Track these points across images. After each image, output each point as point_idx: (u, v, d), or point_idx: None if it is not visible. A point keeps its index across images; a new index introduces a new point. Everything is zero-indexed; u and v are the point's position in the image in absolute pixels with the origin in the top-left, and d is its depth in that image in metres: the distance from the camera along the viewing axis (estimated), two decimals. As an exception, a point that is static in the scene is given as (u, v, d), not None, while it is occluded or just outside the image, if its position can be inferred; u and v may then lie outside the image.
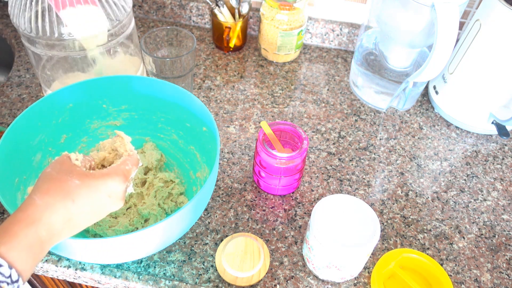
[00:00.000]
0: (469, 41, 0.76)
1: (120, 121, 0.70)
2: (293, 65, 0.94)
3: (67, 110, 0.65)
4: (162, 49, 0.80)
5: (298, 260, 0.63)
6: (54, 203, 0.42)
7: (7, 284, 0.37)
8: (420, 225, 0.68)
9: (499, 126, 0.78)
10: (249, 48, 0.97)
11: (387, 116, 0.85)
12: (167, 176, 0.68)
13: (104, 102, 0.68)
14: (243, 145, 0.77)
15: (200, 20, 1.00)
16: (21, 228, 0.40)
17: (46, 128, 0.64)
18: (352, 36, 0.95)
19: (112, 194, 0.45)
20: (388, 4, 0.72)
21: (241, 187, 0.71)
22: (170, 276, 0.60)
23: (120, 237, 0.47)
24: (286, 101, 0.86)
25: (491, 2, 0.70)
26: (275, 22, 0.87)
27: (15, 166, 0.59)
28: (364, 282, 0.61)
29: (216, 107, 0.83)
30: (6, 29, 0.96)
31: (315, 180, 0.73)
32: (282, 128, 0.67)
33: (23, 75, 0.87)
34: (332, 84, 0.90)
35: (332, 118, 0.83)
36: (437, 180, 0.75)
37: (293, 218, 0.68)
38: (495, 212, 0.71)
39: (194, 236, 0.64)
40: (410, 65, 0.81)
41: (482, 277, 0.63)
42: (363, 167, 0.76)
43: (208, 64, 0.92)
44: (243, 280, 0.59)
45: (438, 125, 0.84)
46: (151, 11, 1.01)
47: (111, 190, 0.45)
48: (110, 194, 0.45)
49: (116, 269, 0.60)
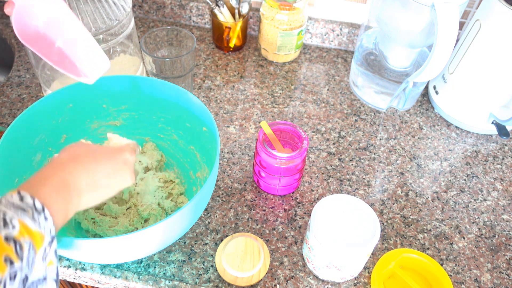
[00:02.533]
0: (469, 41, 0.76)
1: (120, 121, 0.70)
2: (293, 65, 0.94)
3: (67, 110, 0.65)
4: (162, 49, 0.80)
5: (298, 260, 0.63)
6: (78, 158, 0.47)
7: (32, 211, 0.39)
8: (420, 225, 0.68)
9: (499, 126, 0.78)
10: (249, 48, 0.97)
11: (387, 116, 0.85)
12: (167, 176, 0.68)
13: (104, 102, 0.68)
14: (243, 145, 0.77)
15: (200, 20, 1.00)
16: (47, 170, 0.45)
17: (46, 128, 0.64)
18: (352, 36, 0.95)
19: (126, 162, 0.51)
20: (388, 4, 0.72)
21: (241, 187, 0.71)
22: (170, 276, 0.60)
23: (120, 237, 0.47)
24: (286, 101, 0.86)
25: (491, 2, 0.70)
26: (275, 22, 0.87)
27: (15, 166, 0.59)
28: (364, 282, 0.61)
29: (216, 107, 0.83)
30: (6, 29, 0.96)
31: (315, 180, 0.73)
32: (282, 128, 0.67)
33: (23, 75, 0.87)
34: (332, 84, 0.90)
35: (332, 118, 0.83)
36: (437, 180, 0.75)
37: (293, 218, 0.68)
38: (495, 212, 0.71)
39: (194, 236, 0.64)
40: (410, 65, 0.81)
41: (482, 277, 0.63)
42: (363, 167, 0.76)
43: (208, 64, 0.92)
44: (243, 280, 0.59)
45: (438, 125, 0.84)
46: (151, 11, 1.01)
47: (125, 158, 0.51)
48: (125, 162, 0.50)
49: (116, 269, 0.60)
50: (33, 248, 0.38)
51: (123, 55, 0.79)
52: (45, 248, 0.40)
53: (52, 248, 0.41)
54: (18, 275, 0.36)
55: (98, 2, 0.67)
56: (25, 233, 0.38)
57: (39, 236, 0.39)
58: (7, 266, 0.35)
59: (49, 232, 0.40)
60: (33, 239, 0.38)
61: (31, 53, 0.72)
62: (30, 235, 0.38)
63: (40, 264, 0.39)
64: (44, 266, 0.40)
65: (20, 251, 0.37)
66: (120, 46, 0.77)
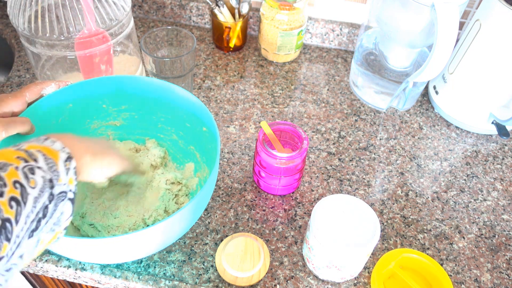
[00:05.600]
0: (469, 41, 0.76)
1: (120, 121, 0.70)
2: (293, 65, 0.94)
3: (67, 110, 0.65)
4: (162, 49, 0.80)
5: (298, 260, 0.63)
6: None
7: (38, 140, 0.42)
8: (420, 225, 0.68)
9: (499, 126, 0.78)
10: (249, 48, 0.97)
11: (387, 116, 0.85)
12: (174, 178, 0.67)
13: (104, 102, 0.67)
14: (243, 145, 0.77)
15: (200, 20, 1.00)
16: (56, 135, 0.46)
17: (46, 128, 0.63)
18: (352, 36, 0.95)
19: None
20: (388, 4, 0.72)
21: (241, 187, 0.71)
22: (170, 276, 0.60)
23: (120, 237, 0.47)
24: (286, 101, 0.86)
25: (491, 2, 0.70)
26: (275, 22, 0.87)
27: None
28: (364, 282, 0.61)
29: (216, 107, 0.83)
30: (6, 29, 0.96)
31: (315, 180, 0.73)
32: (282, 128, 0.67)
33: (23, 75, 0.86)
34: (332, 84, 0.90)
35: (332, 118, 0.83)
36: (437, 180, 0.75)
37: (293, 218, 0.68)
38: (495, 212, 0.71)
39: (194, 236, 0.64)
40: (410, 65, 0.81)
41: (482, 277, 0.63)
42: (363, 167, 0.76)
43: (208, 64, 0.92)
44: (243, 280, 0.59)
45: (438, 125, 0.84)
46: (151, 11, 1.00)
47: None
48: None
49: (116, 269, 0.60)
50: (49, 157, 0.40)
51: (122, 55, 0.79)
52: (65, 163, 0.42)
53: (71, 166, 0.42)
54: (37, 172, 0.38)
55: (98, 1, 0.67)
56: (34, 147, 0.41)
57: (50, 150, 0.42)
58: (21, 161, 0.38)
59: (62, 149, 0.43)
60: (45, 151, 0.41)
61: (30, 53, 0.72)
62: (39, 148, 0.41)
63: (64, 177, 0.41)
64: (67, 180, 0.41)
65: (32, 156, 0.39)
66: (120, 46, 0.77)
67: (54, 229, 0.41)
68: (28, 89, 0.58)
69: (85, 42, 0.67)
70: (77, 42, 0.67)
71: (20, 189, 0.36)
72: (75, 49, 0.68)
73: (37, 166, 0.39)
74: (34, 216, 0.37)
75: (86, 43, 0.68)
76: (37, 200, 0.37)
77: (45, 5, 0.65)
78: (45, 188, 0.38)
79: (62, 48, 0.68)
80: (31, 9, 0.65)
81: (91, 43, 0.68)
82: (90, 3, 0.65)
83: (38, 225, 0.38)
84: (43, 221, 0.38)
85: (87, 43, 0.68)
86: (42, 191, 0.38)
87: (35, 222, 0.37)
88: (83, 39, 0.67)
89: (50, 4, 0.65)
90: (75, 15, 0.66)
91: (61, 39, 0.66)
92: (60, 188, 0.40)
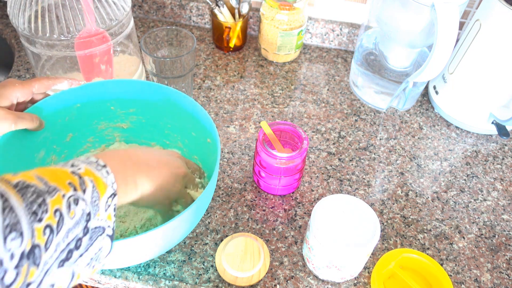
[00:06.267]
0: (469, 41, 0.76)
1: (128, 124, 0.70)
2: (293, 65, 0.94)
3: (75, 110, 0.65)
4: (162, 49, 0.80)
5: (298, 260, 0.63)
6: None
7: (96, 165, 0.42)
8: (420, 225, 0.68)
9: (499, 126, 0.78)
10: (249, 48, 0.97)
11: (387, 116, 0.85)
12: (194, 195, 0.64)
13: (113, 104, 0.67)
14: (243, 145, 0.77)
15: (200, 20, 1.00)
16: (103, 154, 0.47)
17: (52, 126, 0.63)
18: (352, 36, 0.95)
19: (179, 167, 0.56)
20: (388, 4, 0.72)
21: (241, 187, 0.71)
22: (170, 276, 0.60)
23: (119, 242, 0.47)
24: (286, 101, 0.86)
25: (491, 2, 0.70)
26: (275, 22, 0.87)
27: (18, 162, 0.58)
28: (364, 282, 0.61)
29: (216, 107, 0.83)
30: (6, 29, 0.96)
31: (315, 180, 0.73)
32: (282, 128, 0.67)
33: (23, 75, 0.86)
34: (332, 84, 0.90)
35: (332, 118, 0.83)
36: (437, 180, 0.75)
37: (293, 218, 0.68)
38: (495, 212, 0.71)
39: (194, 236, 0.64)
40: (410, 65, 0.81)
41: (482, 277, 0.63)
42: (363, 167, 0.76)
43: (208, 64, 0.92)
44: (243, 280, 0.59)
45: (438, 125, 0.84)
46: (151, 11, 1.00)
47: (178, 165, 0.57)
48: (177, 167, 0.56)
49: (116, 269, 0.60)
50: (97, 191, 0.40)
51: (122, 55, 0.79)
52: (108, 199, 0.41)
53: (113, 203, 0.42)
54: (80, 204, 0.37)
55: (98, 1, 0.67)
56: (90, 175, 0.40)
57: (101, 183, 0.41)
58: (71, 189, 0.37)
59: (111, 185, 0.42)
60: (96, 183, 0.40)
61: (30, 53, 0.72)
62: (93, 178, 0.40)
63: (103, 213, 0.40)
64: (105, 216, 0.41)
65: (83, 185, 0.39)
66: (120, 46, 0.77)
67: (94, 265, 0.40)
68: (38, 81, 0.57)
69: (85, 42, 0.67)
70: (77, 42, 0.67)
71: (59, 218, 0.35)
72: (75, 49, 0.68)
73: (83, 198, 0.38)
74: (64, 246, 0.36)
75: (86, 43, 0.68)
76: (71, 230, 0.36)
77: (45, 5, 0.65)
78: (81, 220, 0.37)
79: (62, 48, 0.68)
80: (31, 9, 0.65)
81: (91, 43, 0.68)
82: (90, 3, 0.65)
83: (69, 256, 0.37)
84: (76, 252, 0.37)
85: (87, 43, 0.68)
86: (77, 223, 0.37)
87: (65, 253, 0.36)
88: (83, 39, 0.67)
89: (50, 4, 0.65)
90: (75, 15, 0.66)
91: (61, 39, 0.66)
92: (97, 223, 0.39)
